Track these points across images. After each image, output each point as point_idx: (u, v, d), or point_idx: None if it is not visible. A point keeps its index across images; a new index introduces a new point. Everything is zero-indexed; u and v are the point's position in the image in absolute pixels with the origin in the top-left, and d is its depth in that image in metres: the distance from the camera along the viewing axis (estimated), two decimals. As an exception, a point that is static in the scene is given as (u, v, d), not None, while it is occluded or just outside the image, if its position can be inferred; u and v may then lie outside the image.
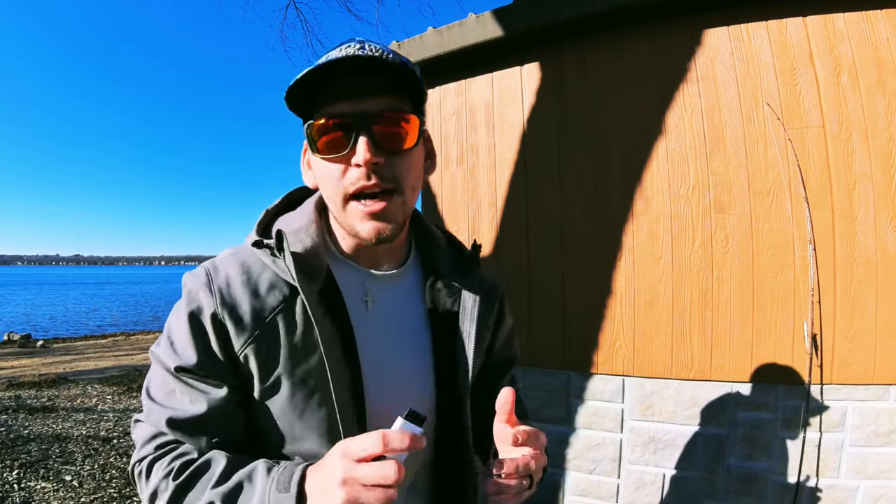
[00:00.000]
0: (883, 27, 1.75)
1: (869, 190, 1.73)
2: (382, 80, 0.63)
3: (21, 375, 6.26)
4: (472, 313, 0.75)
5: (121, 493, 2.89)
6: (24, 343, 10.27)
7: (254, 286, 0.67)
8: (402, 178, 0.65)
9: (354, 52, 0.62)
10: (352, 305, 0.70)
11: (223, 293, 0.66)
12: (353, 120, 0.62)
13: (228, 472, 0.61)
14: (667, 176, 1.98)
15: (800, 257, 1.79)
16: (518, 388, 0.90)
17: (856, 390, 1.72)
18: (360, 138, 0.61)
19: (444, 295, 0.77)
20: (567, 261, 2.11)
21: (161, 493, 0.62)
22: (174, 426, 0.65)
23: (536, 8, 2.07)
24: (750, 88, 1.88)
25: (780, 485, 1.78)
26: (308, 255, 0.68)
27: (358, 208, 0.65)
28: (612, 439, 2.01)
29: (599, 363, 2.03)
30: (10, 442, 3.59)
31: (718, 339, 1.87)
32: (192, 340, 0.65)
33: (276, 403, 0.66)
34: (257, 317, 0.65)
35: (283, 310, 0.66)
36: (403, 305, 0.76)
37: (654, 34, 2.02)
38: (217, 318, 0.65)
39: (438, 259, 0.79)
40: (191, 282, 0.68)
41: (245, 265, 0.69)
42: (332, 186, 0.66)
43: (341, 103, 0.63)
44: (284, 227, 0.70)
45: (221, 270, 0.68)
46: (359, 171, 0.63)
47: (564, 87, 2.16)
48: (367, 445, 0.52)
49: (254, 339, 0.65)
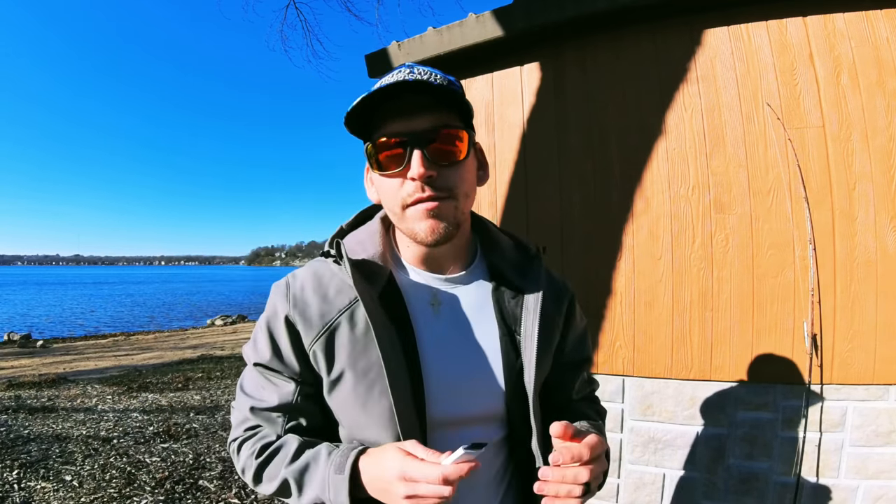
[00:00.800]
0: (883, 27, 1.75)
1: (869, 190, 1.73)
2: (429, 99, 0.69)
3: (21, 375, 6.26)
4: (534, 313, 0.78)
5: (121, 493, 2.89)
6: (24, 343, 10.28)
7: (323, 291, 0.76)
8: (454, 186, 0.71)
9: (403, 77, 0.69)
10: (419, 309, 0.76)
11: (296, 298, 0.76)
12: (405, 138, 0.68)
13: (299, 453, 0.72)
14: (667, 176, 1.98)
15: (800, 257, 1.79)
16: (592, 389, 0.96)
17: (856, 390, 1.72)
18: (413, 154, 0.68)
19: (508, 296, 0.80)
20: (567, 261, 2.11)
21: (247, 469, 0.75)
22: (255, 413, 0.77)
23: (536, 8, 2.07)
24: (750, 88, 1.88)
25: (780, 485, 1.78)
26: (369, 261, 0.75)
27: (413, 210, 0.70)
28: (612, 439, 2.01)
29: (599, 363, 2.03)
30: (10, 442, 3.59)
31: (718, 339, 1.87)
32: (269, 341, 0.77)
33: (342, 394, 0.74)
34: (324, 317, 0.74)
35: (348, 311, 0.74)
36: (470, 307, 0.79)
37: (654, 34, 2.02)
38: (289, 320, 0.75)
39: (503, 262, 0.83)
40: (274, 290, 0.79)
41: (318, 273, 0.78)
42: (391, 199, 0.72)
43: (394, 123, 0.69)
44: (351, 239, 0.80)
45: (299, 278, 0.79)
46: (414, 184, 0.69)
47: (564, 87, 2.16)
48: (425, 475, 0.58)
49: (320, 336, 0.74)
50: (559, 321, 0.85)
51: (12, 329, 12.89)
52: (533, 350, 0.76)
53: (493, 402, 0.77)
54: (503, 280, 0.81)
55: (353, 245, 0.78)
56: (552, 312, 0.83)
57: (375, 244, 0.78)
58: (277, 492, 0.73)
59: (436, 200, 0.69)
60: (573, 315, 0.89)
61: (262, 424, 0.77)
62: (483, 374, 0.77)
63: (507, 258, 0.83)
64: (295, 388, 0.76)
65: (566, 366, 0.88)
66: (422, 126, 0.68)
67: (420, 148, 0.68)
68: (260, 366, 0.78)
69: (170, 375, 6.36)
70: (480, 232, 0.88)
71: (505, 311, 0.79)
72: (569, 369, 0.88)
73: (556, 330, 0.85)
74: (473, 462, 0.57)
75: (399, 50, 2.42)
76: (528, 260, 0.84)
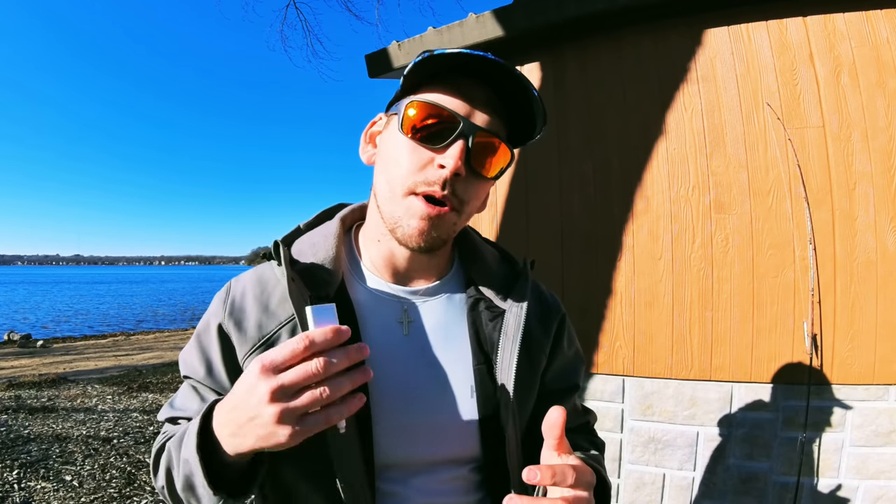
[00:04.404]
0: (883, 27, 1.75)
1: (869, 190, 1.73)
2: (499, 102, 0.62)
3: (21, 375, 6.26)
4: (514, 340, 0.66)
5: (121, 493, 2.89)
6: (24, 343, 10.28)
7: (265, 299, 0.66)
8: (468, 201, 0.63)
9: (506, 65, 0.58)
10: (375, 327, 0.65)
11: (234, 305, 0.66)
12: (461, 121, 0.58)
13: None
14: (667, 176, 1.98)
15: (800, 257, 1.79)
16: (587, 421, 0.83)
17: (856, 390, 1.72)
18: (458, 142, 0.58)
19: (486, 318, 0.69)
20: (567, 261, 2.11)
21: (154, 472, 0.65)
22: (172, 423, 0.68)
23: (536, 8, 2.07)
24: (750, 88, 1.88)
25: (780, 485, 1.78)
26: (317, 265, 0.64)
27: (415, 203, 0.60)
28: (611, 439, 2.01)
29: (599, 363, 2.03)
30: (10, 442, 3.59)
31: (718, 339, 1.87)
32: (199, 352, 0.66)
33: None
34: (262, 329, 0.64)
35: (290, 324, 0.64)
36: (441, 328, 0.68)
37: (654, 34, 2.02)
38: (222, 329, 0.65)
39: (483, 277, 0.72)
40: (216, 295, 0.70)
41: (262, 279, 0.68)
42: (399, 173, 0.61)
43: (456, 99, 0.59)
44: (304, 240, 0.69)
45: (241, 283, 0.69)
46: (437, 173, 0.59)
47: (564, 87, 2.16)
48: (286, 350, 0.45)
49: (254, 350, 0.63)
50: (546, 346, 0.74)
51: (12, 329, 12.90)
52: (510, 383, 0.64)
53: (464, 443, 0.65)
54: (482, 298, 0.70)
55: (305, 248, 0.67)
56: (538, 336, 0.73)
57: (329, 247, 0.66)
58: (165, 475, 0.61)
59: (443, 207, 0.60)
60: (562, 337, 0.77)
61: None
62: (451, 410, 0.64)
63: (489, 273, 0.72)
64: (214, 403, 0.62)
65: (549, 395, 0.74)
66: (483, 121, 0.60)
67: (468, 141, 0.58)
68: (189, 378, 0.67)
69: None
70: (460, 241, 0.76)
71: (481, 335, 0.68)
72: (552, 399, 0.72)
73: (543, 356, 0.73)
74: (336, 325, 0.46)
75: (399, 50, 2.42)
76: (513, 275, 0.74)
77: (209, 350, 0.66)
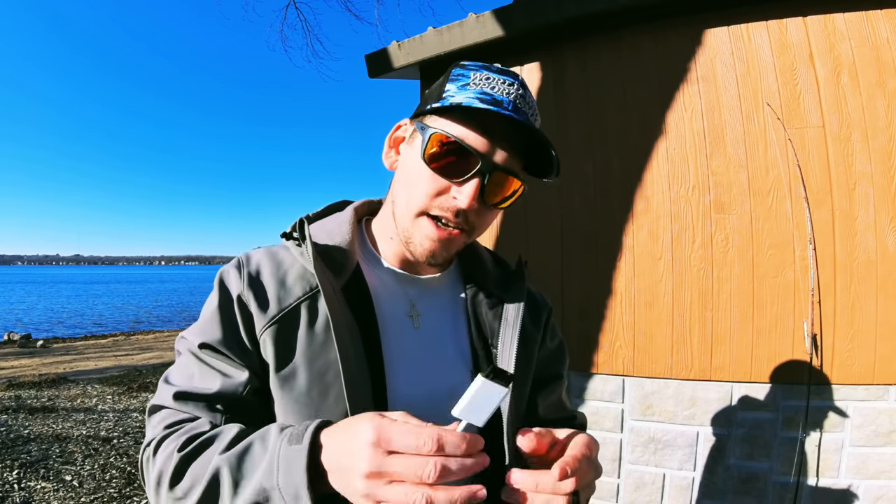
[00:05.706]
0: (883, 27, 1.75)
1: (869, 190, 1.73)
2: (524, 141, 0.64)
3: (21, 375, 6.26)
4: (514, 326, 0.71)
5: (121, 493, 2.89)
6: (24, 343, 10.27)
7: (282, 275, 0.67)
8: (479, 225, 0.67)
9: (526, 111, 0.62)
10: (390, 314, 0.68)
11: (251, 277, 0.66)
12: (479, 161, 0.61)
13: (240, 437, 0.55)
14: (667, 176, 1.98)
15: (800, 257, 1.79)
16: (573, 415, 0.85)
17: (856, 390, 1.72)
18: (473, 180, 0.61)
19: (485, 307, 0.74)
20: (567, 261, 2.11)
21: (165, 474, 0.55)
22: (185, 401, 0.62)
23: (536, 8, 2.07)
24: (750, 88, 1.88)
25: (780, 485, 1.78)
26: (334, 247, 0.68)
27: (427, 226, 0.64)
28: (612, 439, 2.01)
29: (599, 363, 2.03)
30: (10, 442, 3.59)
31: (718, 339, 1.87)
32: (219, 318, 0.65)
33: (293, 395, 0.63)
34: (280, 302, 0.65)
35: (308, 300, 0.65)
36: (447, 315, 0.73)
37: (654, 34, 2.02)
38: (242, 299, 0.65)
39: (481, 273, 0.77)
40: (224, 271, 0.69)
41: (276, 257, 0.69)
42: (415, 193, 0.64)
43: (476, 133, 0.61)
44: (316, 227, 0.71)
45: (254, 259, 0.69)
46: (452, 202, 0.62)
47: (564, 87, 2.16)
48: (409, 443, 0.43)
49: (273, 323, 0.64)
50: (538, 338, 0.79)
51: (12, 329, 12.89)
52: (511, 368, 0.68)
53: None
54: (481, 290, 0.75)
55: (318, 232, 0.69)
56: (531, 330, 0.77)
57: (344, 233, 0.70)
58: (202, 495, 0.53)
59: (455, 229, 0.64)
60: (548, 329, 0.83)
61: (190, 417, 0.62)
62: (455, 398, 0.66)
63: (486, 270, 0.78)
64: (246, 380, 0.62)
65: (535, 383, 0.79)
66: (501, 158, 0.62)
67: (484, 180, 0.61)
68: (207, 347, 0.63)
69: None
70: None
71: (482, 323, 0.73)
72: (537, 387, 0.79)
73: (535, 346, 0.78)
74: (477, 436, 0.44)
75: (399, 50, 2.42)
76: (508, 275, 0.79)
77: (231, 319, 0.64)
